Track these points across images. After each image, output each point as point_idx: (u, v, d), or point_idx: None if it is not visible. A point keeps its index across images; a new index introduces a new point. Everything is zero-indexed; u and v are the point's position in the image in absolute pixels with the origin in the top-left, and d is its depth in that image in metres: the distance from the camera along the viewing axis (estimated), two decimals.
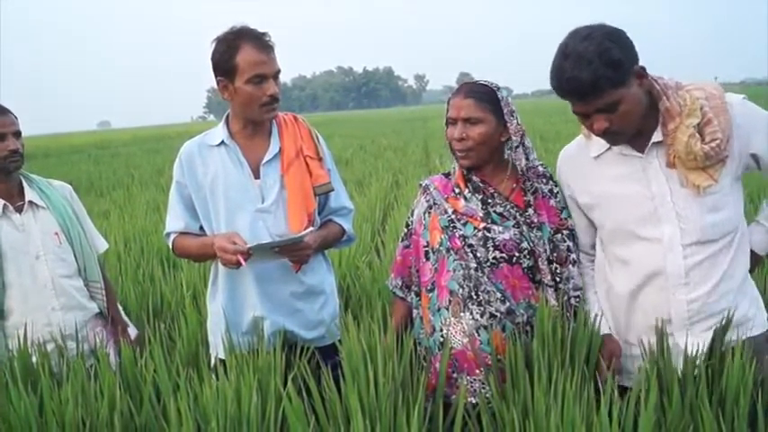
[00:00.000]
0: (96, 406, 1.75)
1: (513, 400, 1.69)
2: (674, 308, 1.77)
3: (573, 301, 1.93)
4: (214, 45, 2.04)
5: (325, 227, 2.21)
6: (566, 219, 1.96)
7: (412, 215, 2.13)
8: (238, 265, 1.95)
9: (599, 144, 1.84)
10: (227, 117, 2.17)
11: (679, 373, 1.68)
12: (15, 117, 2.26)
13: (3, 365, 2.00)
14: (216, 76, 2.05)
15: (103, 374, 1.82)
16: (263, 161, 2.11)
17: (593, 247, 1.98)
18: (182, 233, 2.18)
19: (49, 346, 2.16)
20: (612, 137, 1.74)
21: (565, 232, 1.95)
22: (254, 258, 1.98)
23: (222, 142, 2.12)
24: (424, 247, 2.03)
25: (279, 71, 2.06)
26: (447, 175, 2.09)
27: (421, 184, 2.12)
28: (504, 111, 1.92)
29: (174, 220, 2.19)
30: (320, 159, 2.19)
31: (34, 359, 2.03)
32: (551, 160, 2.14)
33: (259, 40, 2.02)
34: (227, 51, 2.01)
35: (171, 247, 2.23)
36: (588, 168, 1.88)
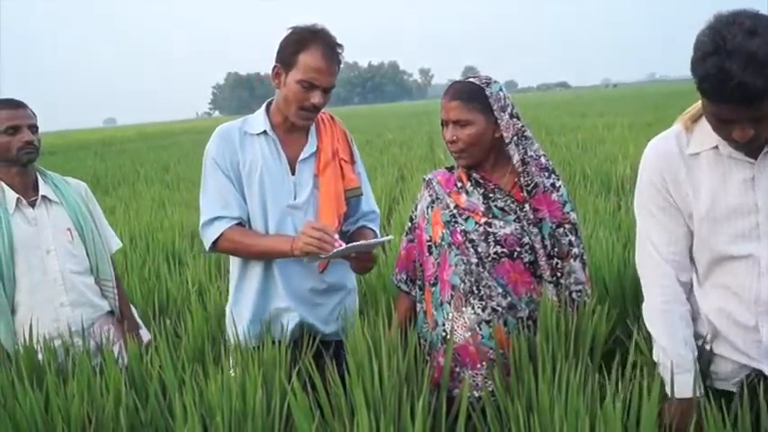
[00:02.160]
0: (102, 402, 1.76)
1: (518, 393, 1.69)
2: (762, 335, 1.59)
3: (575, 295, 1.92)
4: (288, 32, 2.03)
5: (368, 233, 2.22)
6: (568, 213, 1.94)
7: (415, 210, 2.13)
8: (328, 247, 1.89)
9: (700, 140, 1.57)
10: (268, 105, 2.15)
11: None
12: (34, 113, 2.28)
13: (9, 362, 2.01)
14: (275, 61, 2.04)
15: (109, 370, 1.83)
16: (300, 158, 2.11)
17: (690, 268, 1.69)
18: (237, 224, 2.05)
19: (56, 342, 2.17)
20: (750, 145, 1.47)
21: (567, 226, 1.93)
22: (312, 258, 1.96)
23: (264, 132, 2.10)
24: (427, 241, 2.03)
25: (333, 86, 2.04)
26: (450, 169, 2.08)
27: (424, 179, 2.11)
28: (494, 107, 1.87)
29: (223, 206, 2.04)
30: (353, 163, 2.20)
31: (40, 356, 2.04)
32: (556, 153, 2.12)
33: (330, 50, 2.00)
34: (296, 44, 1.99)
35: (214, 237, 2.04)
36: (687, 169, 1.60)
